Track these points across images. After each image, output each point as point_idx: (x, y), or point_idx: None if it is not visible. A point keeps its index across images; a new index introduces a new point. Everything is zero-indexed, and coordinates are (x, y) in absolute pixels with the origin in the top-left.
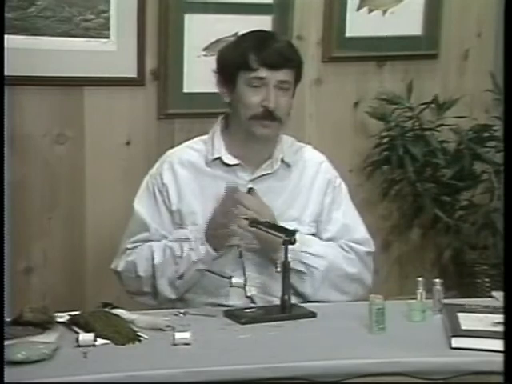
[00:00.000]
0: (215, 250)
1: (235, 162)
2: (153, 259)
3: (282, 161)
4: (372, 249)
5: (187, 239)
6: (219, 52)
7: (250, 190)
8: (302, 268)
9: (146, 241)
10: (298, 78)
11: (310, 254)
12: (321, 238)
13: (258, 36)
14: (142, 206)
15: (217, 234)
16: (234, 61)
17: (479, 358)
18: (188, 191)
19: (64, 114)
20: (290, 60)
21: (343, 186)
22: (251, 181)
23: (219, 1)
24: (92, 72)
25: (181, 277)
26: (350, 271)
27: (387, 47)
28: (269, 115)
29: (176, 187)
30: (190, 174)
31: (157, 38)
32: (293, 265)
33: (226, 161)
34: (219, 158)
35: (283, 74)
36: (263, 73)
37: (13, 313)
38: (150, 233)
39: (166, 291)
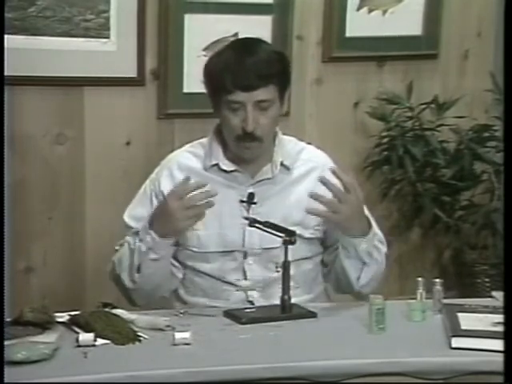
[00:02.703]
0: (161, 236)
1: (233, 168)
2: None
3: (282, 164)
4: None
5: (137, 231)
6: (203, 68)
7: (250, 195)
8: (374, 251)
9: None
10: (282, 89)
11: (379, 241)
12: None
13: (235, 51)
14: (132, 209)
15: (160, 220)
16: (212, 83)
17: (479, 358)
18: None
19: (64, 114)
20: (266, 77)
21: None
22: (251, 185)
23: (219, 1)
24: (92, 72)
25: (138, 270)
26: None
27: (387, 47)
28: (248, 136)
29: None
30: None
31: (157, 38)
32: (368, 249)
33: (224, 167)
34: (217, 165)
35: (261, 94)
36: (239, 96)
37: (13, 313)
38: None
39: (128, 283)
